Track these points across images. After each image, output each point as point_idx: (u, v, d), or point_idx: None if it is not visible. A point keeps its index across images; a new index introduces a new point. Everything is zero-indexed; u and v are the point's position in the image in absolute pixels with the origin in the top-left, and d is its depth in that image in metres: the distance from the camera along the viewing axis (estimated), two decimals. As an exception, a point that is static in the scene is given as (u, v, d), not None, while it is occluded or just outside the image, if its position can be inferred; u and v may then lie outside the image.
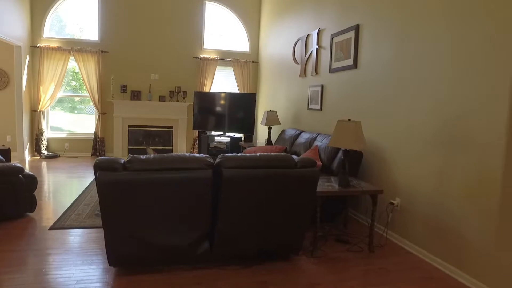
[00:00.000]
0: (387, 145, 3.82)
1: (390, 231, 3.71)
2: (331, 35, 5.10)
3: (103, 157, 2.38)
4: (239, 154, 2.65)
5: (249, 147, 5.88)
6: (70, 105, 8.15)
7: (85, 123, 8.14)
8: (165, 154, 2.48)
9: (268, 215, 2.74)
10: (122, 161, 2.39)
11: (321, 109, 5.38)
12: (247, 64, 8.38)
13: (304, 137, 5.07)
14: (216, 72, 8.26)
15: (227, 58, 8.32)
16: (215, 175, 2.54)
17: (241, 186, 2.57)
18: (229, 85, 8.53)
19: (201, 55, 8.17)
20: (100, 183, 2.30)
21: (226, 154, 2.63)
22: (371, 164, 4.09)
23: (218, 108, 7.66)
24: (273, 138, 6.75)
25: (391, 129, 3.77)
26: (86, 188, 5.13)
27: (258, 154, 2.70)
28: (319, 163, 4.09)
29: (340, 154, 4.07)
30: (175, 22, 8.06)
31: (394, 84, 3.74)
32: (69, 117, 8.18)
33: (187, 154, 2.50)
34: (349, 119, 3.34)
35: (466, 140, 2.83)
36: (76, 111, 8.23)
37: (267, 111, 6.24)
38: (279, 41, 7.23)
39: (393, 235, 3.67)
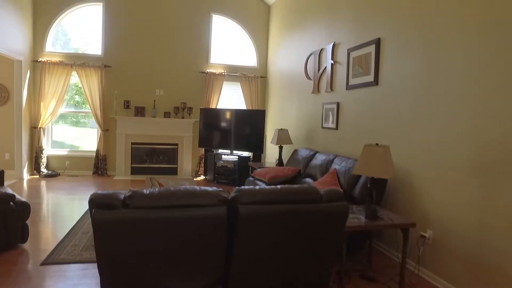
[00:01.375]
0: (415, 170, 3.46)
1: (421, 267, 3.31)
2: (348, 49, 4.79)
3: (99, 191, 2.04)
4: (257, 187, 2.29)
5: (259, 167, 5.53)
6: (74, 119, 7.88)
7: (88, 138, 7.84)
8: (172, 188, 2.13)
9: (289, 255, 2.37)
10: (122, 196, 2.04)
11: (336, 128, 5.03)
12: (255, 79, 8.09)
13: (319, 158, 4.71)
14: (223, 88, 7.96)
15: (234, 73, 8.03)
16: (230, 212, 2.19)
17: (260, 224, 2.21)
18: (236, 101, 8.22)
19: (208, 70, 7.88)
20: (96, 223, 1.95)
21: (242, 187, 2.28)
22: (396, 190, 3.72)
23: (225, 125, 7.34)
24: (284, 158, 6.40)
25: (419, 152, 3.41)
26: (85, 212, 4.78)
27: (279, 187, 2.34)
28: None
29: (362, 180, 3.71)
30: (181, 35, 7.81)
31: (422, 103, 3.40)
32: (72, 131, 7.89)
33: (197, 188, 2.15)
34: (377, 144, 2.98)
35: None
36: (79, 125, 7.94)
37: (278, 130, 5.90)
38: (289, 55, 6.94)
39: (425, 272, 3.27)
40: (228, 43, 8.26)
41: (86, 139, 7.88)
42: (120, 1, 7.50)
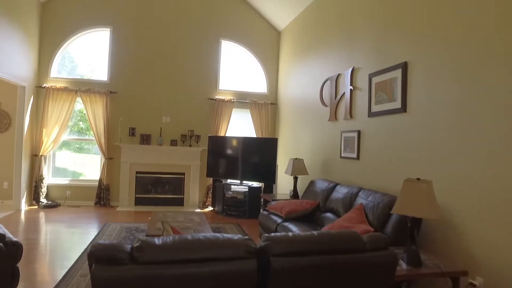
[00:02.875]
0: (456, 206, 3.07)
1: (470, 321, 2.87)
2: (370, 74, 4.49)
3: (101, 241, 1.67)
4: (291, 234, 1.91)
5: (273, 200, 5.13)
6: (77, 146, 7.58)
7: (91, 165, 7.51)
8: (189, 236, 1.75)
9: (327, 315, 1.96)
10: (129, 248, 1.66)
11: (358, 158, 4.67)
12: (265, 106, 7.81)
13: (341, 191, 4.32)
14: (232, 115, 7.67)
15: (243, 99, 7.75)
16: (260, 265, 1.80)
17: (296, 280, 1.82)
18: (246, 128, 7.92)
19: (216, 97, 7.62)
20: (96, 282, 1.57)
21: (273, 234, 1.90)
22: (432, 229, 3.31)
23: (234, 154, 7.00)
24: (299, 190, 6.00)
25: (461, 187, 3.03)
26: (85, 250, 4.37)
27: (315, 233, 1.96)
28: (368, 227, 3.33)
29: (395, 217, 3.31)
30: (189, 61, 7.59)
31: (462, 132, 3.04)
32: (75, 157, 7.58)
33: (220, 237, 1.77)
34: (419, 178, 2.62)
35: None
36: (82, 151, 7.64)
37: (293, 159, 5.54)
38: (302, 81, 6.66)
39: (475, 327, 2.82)
40: (238, 69, 8.04)
41: (89, 166, 7.56)
42: (128, 26, 7.34)
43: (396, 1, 4.07)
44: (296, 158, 5.56)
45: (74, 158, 7.60)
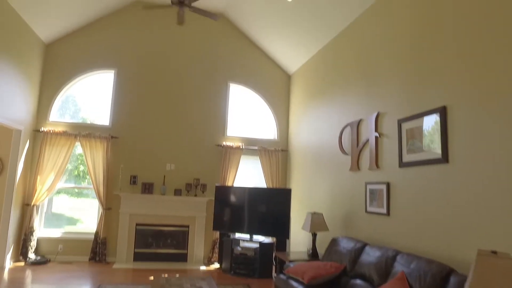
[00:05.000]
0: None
1: None
2: (399, 120, 4.04)
3: None
4: None
5: (291, 262, 4.50)
6: (76, 190, 7.05)
7: (89, 211, 6.91)
8: None
9: None
10: None
11: (388, 214, 4.10)
12: (276, 153, 7.33)
13: (372, 254, 3.72)
14: (240, 162, 7.17)
15: (253, 146, 7.30)
16: None
17: None
18: (255, 176, 7.40)
19: (224, 143, 7.17)
20: None
21: None
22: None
23: (244, 206, 6.42)
24: (318, 247, 5.37)
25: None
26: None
27: None
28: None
29: (450, 292, 2.71)
30: (196, 106, 7.23)
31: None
32: (73, 202, 7.02)
33: None
34: (495, 251, 2.06)
35: None
36: (81, 196, 7.09)
37: (311, 214, 4.96)
38: (317, 127, 6.23)
39: None
40: (246, 113, 7.66)
41: (87, 212, 6.96)
42: (132, 68, 7.06)
43: (427, 40, 3.70)
44: (314, 213, 4.98)
45: (71, 204, 7.05)
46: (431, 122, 3.58)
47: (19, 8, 5.44)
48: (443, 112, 3.42)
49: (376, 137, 4.49)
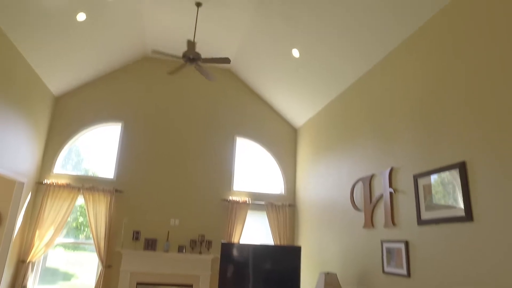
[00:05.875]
0: None
1: None
2: (414, 176, 3.93)
3: None
4: None
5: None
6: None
7: (87, 265, 6.56)
8: None
9: None
10: None
11: (408, 275, 3.85)
12: (283, 208, 7.14)
13: (395, 320, 3.44)
14: (247, 218, 6.95)
15: (259, 200, 7.12)
16: None
17: None
18: (262, 231, 7.14)
19: (231, 198, 7.00)
20: None
21: None
22: None
23: (250, 264, 6.10)
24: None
25: None
26: None
27: None
28: None
29: None
30: (202, 159, 7.16)
31: None
32: (70, 256, 6.69)
33: None
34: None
35: None
36: (78, 249, 6.77)
37: (324, 274, 4.68)
38: (326, 181, 6.09)
39: None
40: (253, 167, 7.57)
41: (84, 266, 6.61)
42: (139, 122, 7.08)
43: (439, 94, 3.69)
44: (328, 273, 4.70)
45: (68, 257, 6.71)
46: (450, 178, 3.46)
47: (34, 63, 5.55)
48: (462, 168, 3.32)
49: (390, 193, 4.35)
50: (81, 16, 5.23)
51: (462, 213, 3.25)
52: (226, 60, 5.34)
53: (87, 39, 5.80)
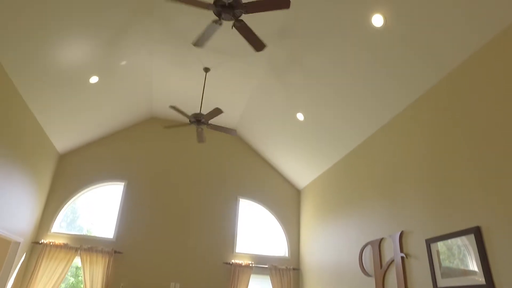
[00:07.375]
0: None
1: None
2: (427, 240, 3.84)
3: None
4: None
5: None
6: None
7: None
8: None
9: None
10: None
11: None
12: (287, 272, 6.86)
13: None
14: (250, 282, 6.66)
15: (263, 264, 6.87)
16: None
17: None
18: (264, 298, 6.81)
19: (233, 261, 6.76)
20: None
21: None
22: None
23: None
24: None
25: None
26: None
27: None
28: None
29: None
30: (204, 221, 7.01)
31: None
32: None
33: None
34: None
35: None
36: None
37: None
38: (332, 245, 5.92)
39: None
40: (256, 229, 7.39)
41: None
42: (143, 182, 7.02)
43: (447, 158, 3.71)
44: None
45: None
46: (465, 243, 3.38)
47: (43, 122, 5.61)
48: (477, 233, 3.25)
49: (402, 258, 4.22)
50: (93, 79, 5.39)
51: (483, 281, 3.13)
52: (232, 132, 5.55)
53: (96, 100, 5.93)
